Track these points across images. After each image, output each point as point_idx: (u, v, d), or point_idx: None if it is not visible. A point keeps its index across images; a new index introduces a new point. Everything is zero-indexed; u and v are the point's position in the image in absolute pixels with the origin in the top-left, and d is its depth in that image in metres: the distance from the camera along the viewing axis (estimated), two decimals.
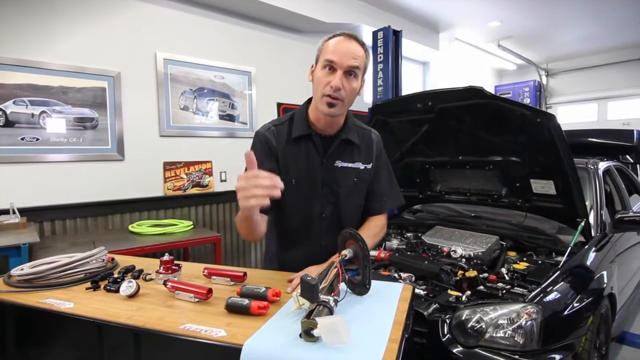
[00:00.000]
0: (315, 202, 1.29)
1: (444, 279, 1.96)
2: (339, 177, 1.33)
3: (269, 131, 1.31)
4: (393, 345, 0.71)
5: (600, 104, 6.65)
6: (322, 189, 1.31)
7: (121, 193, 2.96)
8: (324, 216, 1.32)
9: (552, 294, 1.66)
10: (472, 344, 1.54)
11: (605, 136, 3.79)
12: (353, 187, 1.36)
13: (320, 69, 1.22)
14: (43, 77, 2.59)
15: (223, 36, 3.52)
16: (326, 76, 1.19)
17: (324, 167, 1.30)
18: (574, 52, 6.42)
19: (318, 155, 1.30)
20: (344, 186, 1.34)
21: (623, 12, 4.62)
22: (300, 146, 1.30)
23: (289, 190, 1.22)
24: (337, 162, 1.32)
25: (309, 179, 1.30)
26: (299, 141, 1.29)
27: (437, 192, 2.85)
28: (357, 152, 1.36)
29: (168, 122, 3.20)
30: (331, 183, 1.32)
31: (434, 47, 5.28)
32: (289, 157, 1.29)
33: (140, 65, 3.04)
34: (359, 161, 1.37)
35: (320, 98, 1.21)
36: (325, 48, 1.22)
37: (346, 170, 1.34)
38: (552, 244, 2.21)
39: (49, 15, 2.61)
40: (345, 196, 1.34)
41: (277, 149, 1.28)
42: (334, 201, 1.33)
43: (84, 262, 1.21)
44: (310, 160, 1.30)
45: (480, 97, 2.01)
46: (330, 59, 1.18)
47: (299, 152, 1.29)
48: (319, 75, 1.22)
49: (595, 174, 2.60)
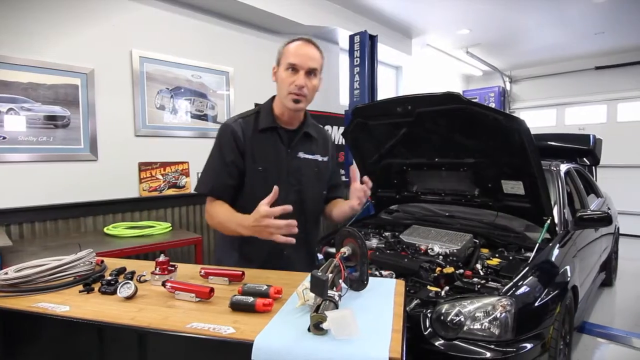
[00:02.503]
0: (280, 189, 1.32)
1: (423, 276, 2.05)
2: (302, 166, 1.47)
3: (235, 123, 1.41)
4: (397, 335, 0.76)
5: (558, 110, 7.09)
6: (287, 177, 1.43)
7: (94, 194, 2.86)
8: (293, 200, 1.39)
9: (523, 288, 1.78)
10: (452, 337, 1.63)
11: (564, 140, 4.07)
12: (314, 177, 1.51)
13: (284, 70, 1.36)
14: (10, 72, 2.47)
15: (201, 35, 3.48)
16: (290, 76, 1.35)
17: (289, 157, 1.44)
18: (536, 61, 6.81)
19: (283, 146, 1.43)
20: (305, 175, 1.47)
21: (581, 23, 4.97)
22: (267, 137, 1.42)
23: (257, 177, 1.38)
24: (300, 154, 1.47)
25: (276, 167, 1.41)
26: (265, 132, 1.42)
27: (413, 192, 2.96)
28: (315, 146, 1.53)
29: (144, 121, 3.12)
30: (295, 172, 1.44)
31: (407, 52, 5.44)
32: (256, 147, 1.40)
33: (115, 62, 2.95)
34: (317, 154, 1.53)
35: (286, 95, 1.36)
36: (286, 52, 1.37)
37: (307, 161, 1.49)
38: (521, 240, 2.36)
39: (17, 8, 2.49)
40: (307, 184, 1.48)
41: (244, 140, 1.39)
42: (297, 189, 1.45)
43: (73, 265, 1.18)
44: (276, 151, 1.42)
45: (457, 103, 2.12)
46: (293, 62, 1.34)
47: (265, 143, 1.42)
48: (283, 76, 1.36)
49: (558, 175, 2.80)
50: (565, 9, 4.47)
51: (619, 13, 4.56)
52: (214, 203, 1.38)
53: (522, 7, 4.41)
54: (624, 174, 6.13)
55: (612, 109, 6.48)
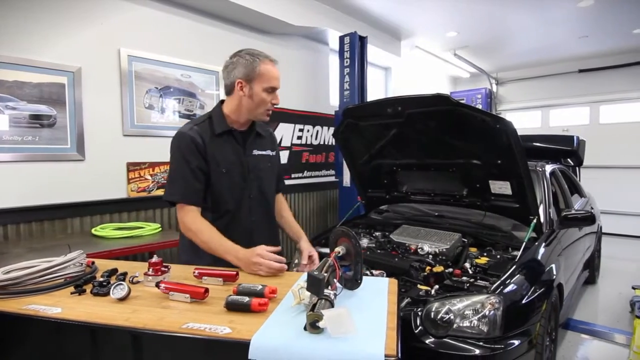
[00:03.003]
0: (244, 185, 1.54)
1: (413, 275, 2.08)
2: (259, 163, 1.62)
3: (192, 131, 1.48)
4: (392, 333, 0.78)
5: (543, 112, 7.24)
6: (249, 174, 1.57)
7: (81, 195, 2.81)
8: (251, 196, 1.57)
9: (511, 286, 1.81)
10: (442, 334, 1.66)
11: (549, 141, 4.16)
12: (269, 170, 1.68)
13: (262, 91, 1.49)
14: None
15: (190, 34, 3.45)
16: (268, 97, 1.51)
17: (246, 155, 1.57)
18: (521, 63, 6.94)
19: (239, 146, 1.56)
20: (263, 169, 1.64)
21: (565, 27, 5.08)
22: (224, 140, 1.53)
23: (222, 178, 1.49)
24: (254, 151, 1.61)
25: (237, 167, 1.54)
26: (221, 136, 1.52)
27: (403, 192, 2.99)
28: (265, 142, 1.69)
29: (132, 121, 3.08)
30: (254, 169, 1.59)
31: (396, 53, 5.49)
32: (216, 151, 1.50)
33: (102, 61, 2.90)
34: (268, 149, 1.69)
35: (263, 112, 1.53)
36: (265, 75, 1.50)
37: (262, 157, 1.65)
38: (509, 239, 2.40)
39: (1, 5, 2.44)
40: (264, 178, 1.64)
41: (205, 145, 1.47)
42: (258, 183, 1.61)
43: (64, 267, 1.17)
44: (234, 152, 1.55)
45: (447, 104, 2.15)
46: (274, 85, 1.52)
47: (223, 146, 1.52)
48: (263, 96, 1.50)
49: (543, 175, 2.86)
50: (550, 12, 4.57)
51: (602, 17, 4.69)
52: (189, 213, 1.43)
53: (508, 10, 4.50)
54: (606, 174, 6.29)
55: (595, 111, 6.64)
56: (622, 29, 5.12)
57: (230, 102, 1.54)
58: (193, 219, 1.41)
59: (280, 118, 4.26)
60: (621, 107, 6.41)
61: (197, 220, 1.42)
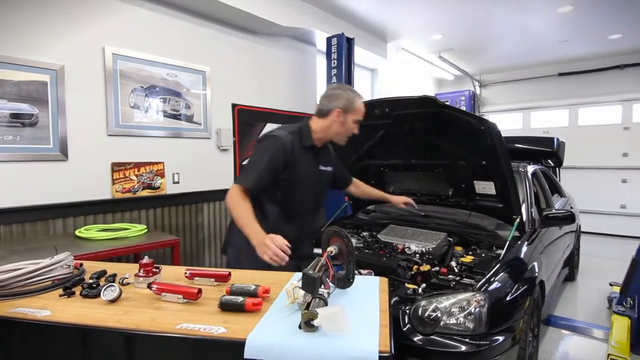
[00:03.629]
0: (312, 193, 1.86)
1: (400, 274, 2.11)
2: (322, 178, 1.92)
3: (286, 138, 1.72)
4: (385, 330, 0.79)
5: (524, 114, 7.42)
6: (314, 186, 1.86)
7: (64, 196, 2.75)
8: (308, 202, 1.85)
9: (496, 283, 1.86)
10: (429, 332, 1.69)
11: (530, 143, 4.27)
12: (326, 183, 1.99)
13: (353, 122, 1.83)
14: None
15: (177, 33, 3.42)
16: (354, 128, 1.85)
17: (317, 170, 1.86)
18: (504, 66, 7.11)
19: (314, 160, 1.84)
20: (323, 185, 1.95)
21: (546, 32, 5.23)
22: (307, 153, 1.80)
23: (297, 185, 1.76)
24: (321, 167, 1.89)
25: (310, 177, 1.82)
26: (307, 150, 1.79)
27: (390, 193, 3.02)
28: (328, 158, 1.97)
29: (117, 120, 3.03)
30: (318, 182, 1.88)
31: (382, 55, 5.55)
32: (300, 161, 1.75)
33: (86, 59, 2.85)
34: (328, 165, 1.96)
35: (345, 137, 1.87)
36: (359, 110, 1.84)
37: (325, 173, 1.94)
38: (493, 238, 2.46)
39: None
40: (322, 190, 1.96)
41: (293, 154, 1.72)
42: (317, 195, 1.91)
43: (51, 269, 1.15)
44: (310, 164, 1.82)
45: (433, 106, 2.20)
46: (361, 119, 1.86)
47: (305, 157, 1.79)
48: (351, 126, 1.84)
49: (525, 176, 2.94)
50: (531, 17, 4.69)
51: (581, 23, 4.84)
52: (240, 192, 1.64)
53: (491, 15, 4.60)
54: (584, 175, 6.49)
55: (574, 113, 6.85)
56: (599, 34, 5.30)
57: (321, 122, 1.81)
58: (240, 196, 1.63)
59: (268, 118, 4.26)
60: (598, 109, 6.63)
61: (242, 197, 1.63)
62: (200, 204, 3.64)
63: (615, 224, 6.34)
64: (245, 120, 4.03)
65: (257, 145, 1.80)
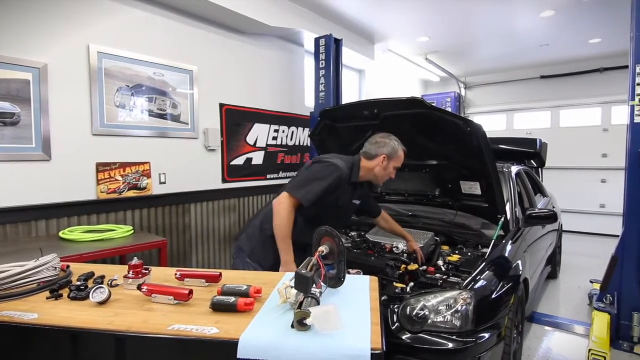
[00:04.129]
0: (340, 218, 2.13)
1: (389, 273, 2.13)
2: (353, 208, 2.19)
3: (344, 171, 1.95)
4: (376, 328, 0.81)
5: (508, 115, 7.57)
6: (346, 213, 2.19)
7: (48, 196, 2.69)
8: (336, 224, 1.88)
9: (482, 282, 1.90)
10: (418, 330, 1.71)
11: (514, 144, 4.36)
12: (352, 213, 2.30)
13: (393, 168, 2.05)
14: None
15: (164, 32, 3.38)
16: (393, 173, 2.06)
17: (352, 203, 2.12)
18: (488, 69, 7.25)
19: (352, 195, 2.09)
20: (351, 214, 2.30)
21: (528, 36, 5.36)
22: (350, 187, 2.03)
23: (332, 209, 1.97)
24: (354, 200, 2.13)
25: (345, 206, 2.08)
26: (351, 184, 2.02)
27: (378, 193, 3.05)
28: (361, 193, 2.16)
29: (102, 120, 2.98)
30: (349, 211, 2.22)
31: (370, 56, 5.59)
32: (344, 192, 2.00)
33: (71, 57, 2.79)
34: (358, 199, 2.16)
35: (384, 178, 2.05)
36: (400, 159, 2.05)
37: (354, 204, 2.17)
38: (478, 238, 2.51)
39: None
40: (349, 217, 2.36)
41: (342, 185, 1.95)
42: (345, 219, 2.29)
43: (37, 271, 1.13)
44: (348, 197, 2.07)
45: (421, 107, 2.23)
46: (400, 167, 2.07)
47: (348, 191, 2.03)
48: (391, 171, 2.05)
49: (510, 176, 3.00)
50: (515, 22, 4.80)
51: (562, 28, 4.97)
52: (293, 205, 1.84)
53: (476, 18, 4.69)
54: (566, 175, 6.66)
55: (556, 115, 7.02)
56: (579, 39, 5.44)
57: (369, 164, 2.02)
58: (291, 209, 1.82)
59: (256, 119, 4.24)
60: (579, 112, 6.81)
61: (292, 212, 1.82)
62: (187, 205, 3.60)
63: (595, 223, 6.52)
64: (233, 120, 4.01)
65: (316, 166, 1.98)
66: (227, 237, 4.01)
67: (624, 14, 2.92)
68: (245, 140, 4.16)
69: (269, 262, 1.91)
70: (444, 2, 4.22)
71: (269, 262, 1.91)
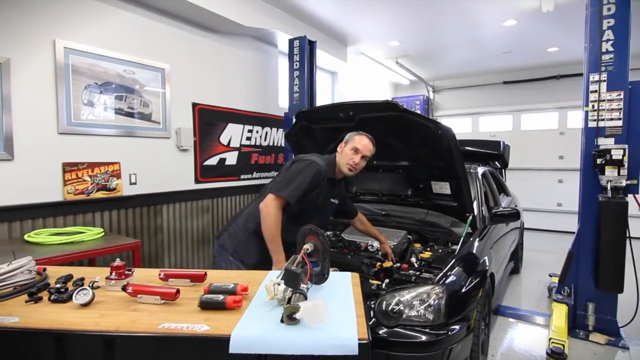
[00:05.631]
0: (318, 217, 2.04)
1: (365, 271, 2.20)
2: (329, 210, 2.22)
3: (323, 167, 2.01)
4: (362, 320, 0.85)
5: (473, 118, 7.91)
6: (324, 213, 2.17)
7: (10, 198, 2.56)
8: (317, 223, 1.98)
9: (452, 277, 2.00)
10: (393, 324, 1.78)
11: (479, 145, 4.58)
12: (330, 213, 2.29)
13: (349, 150, 2.04)
14: None
15: (135, 29, 3.29)
16: (352, 155, 2.03)
17: (329, 201, 2.15)
18: (455, 74, 7.55)
19: (329, 193, 2.12)
20: (329, 213, 2.29)
21: (492, 43, 5.63)
22: (327, 184, 2.06)
23: (315, 207, 2.02)
24: (331, 199, 2.17)
25: (324, 204, 2.11)
26: (328, 181, 2.06)
27: (352, 193, 3.12)
28: (338, 192, 2.21)
29: (68, 118, 2.87)
30: (327, 210, 2.22)
31: (343, 58, 5.67)
32: (321, 190, 2.03)
33: (35, 52, 2.67)
34: (336, 198, 2.22)
35: (345, 164, 2.04)
36: (356, 139, 2.06)
37: (332, 205, 2.22)
38: (448, 235, 2.63)
39: None
40: (328, 217, 2.33)
41: (320, 181, 1.99)
42: (324, 219, 2.25)
43: (12, 274, 1.09)
44: (325, 195, 2.08)
45: (394, 110, 2.31)
46: (356, 147, 2.03)
47: (325, 186, 2.05)
48: (348, 152, 2.04)
49: (476, 176, 3.15)
50: (479, 29, 5.03)
51: (524, 36, 5.26)
52: (279, 205, 1.87)
53: (444, 25, 4.88)
54: (527, 175, 7.04)
55: (517, 118, 7.41)
56: (538, 47, 5.78)
57: (337, 156, 2.10)
58: (278, 210, 1.86)
59: (229, 118, 4.21)
60: (538, 116, 7.22)
61: (279, 213, 1.86)
62: (159, 206, 3.53)
63: (552, 221, 6.92)
64: (206, 119, 3.96)
65: (295, 165, 2.02)
66: (201, 238, 3.95)
67: (579, 25, 3.15)
68: (219, 140, 4.12)
69: (252, 260, 1.95)
70: (415, 9, 4.37)
71: (252, 260, 1.95)
